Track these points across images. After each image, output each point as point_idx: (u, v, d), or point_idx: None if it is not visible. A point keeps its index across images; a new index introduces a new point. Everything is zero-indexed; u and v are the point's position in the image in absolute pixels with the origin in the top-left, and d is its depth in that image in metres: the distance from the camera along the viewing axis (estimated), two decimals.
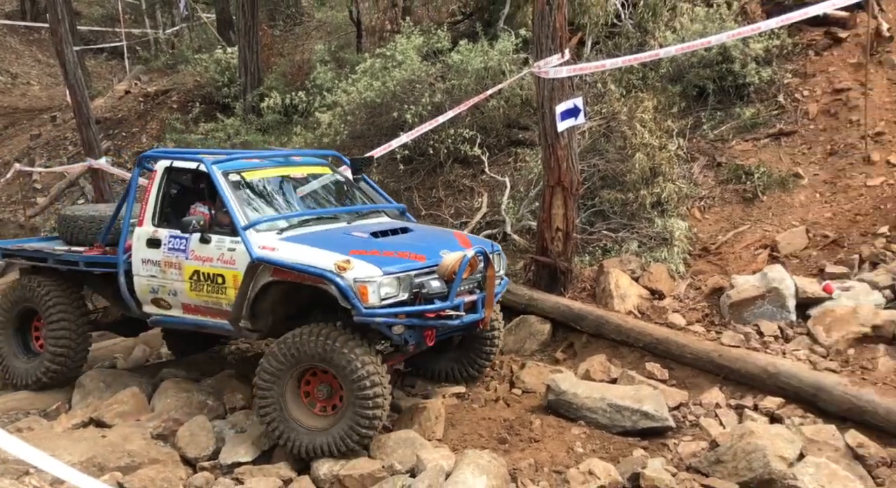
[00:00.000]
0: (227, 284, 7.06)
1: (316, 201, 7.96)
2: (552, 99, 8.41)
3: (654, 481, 6.27)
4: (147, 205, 7.56)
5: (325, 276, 6.50)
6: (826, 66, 9.60)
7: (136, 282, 7.57)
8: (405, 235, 7.38)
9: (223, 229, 7.13)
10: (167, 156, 7.80)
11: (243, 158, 7.84)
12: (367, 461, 6.67)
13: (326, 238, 7.02)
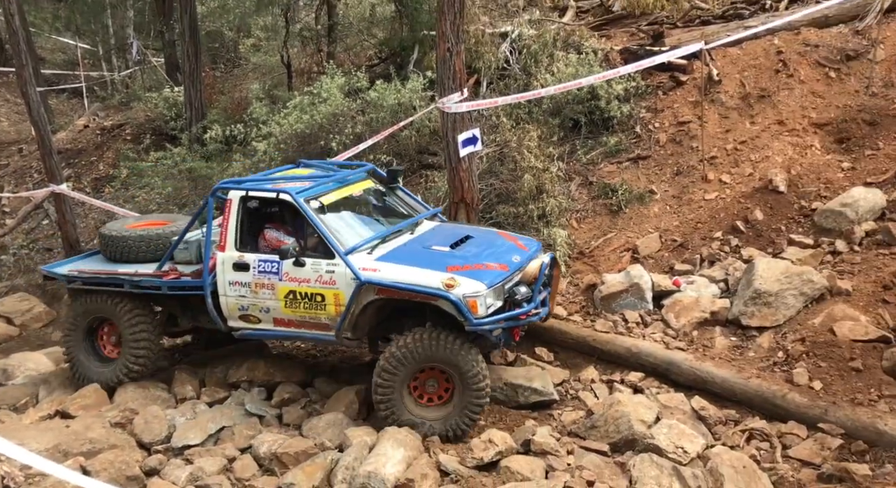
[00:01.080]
0: (328, 302, 6.77)
1: (377, 215, 7.62)
2: (454, 129, 8.50)
3: (541, 445, 6.39)
4: (227, 232, 7.07)
5: (439, 295, 6.39)
6: (672, 103, 9.84)
7: (224, 302, 7.14)
8: (474, 243, 7.15)
9: (315, 253, 6.80)
10: (240, 187, 7.19)
11: (316, 184, 7.23)
12: (300, 440, 6.61)
13: (415, 255, 6.82)
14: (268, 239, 7.09)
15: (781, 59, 9.59)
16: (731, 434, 6.51)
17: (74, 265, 8.09)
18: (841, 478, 5.85)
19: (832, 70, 9.44)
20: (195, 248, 7.63)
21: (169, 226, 8.06)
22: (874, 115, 8.88)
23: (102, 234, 8.04)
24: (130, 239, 7.85)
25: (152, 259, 7.77)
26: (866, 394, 6.51)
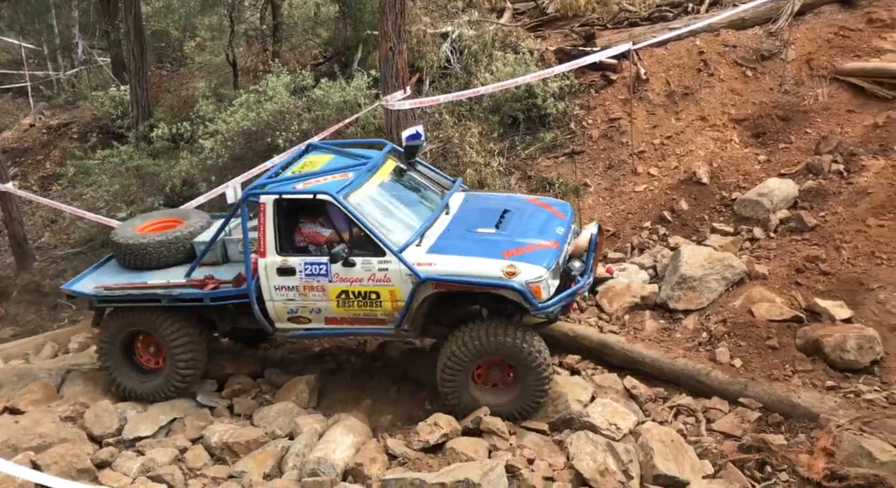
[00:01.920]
0: (383, 298, 6.45)
1: (409, 196, 7.17)
2: (398, 126, 8.50)
3: (489, 424, 6.42)
4: (266, 237, 6.54)
5: (503, 285, 6.16)
6: (603, 101, 9.97)
7: (271, 307, 6.69)
8: (515, 218, 6.84)
9: (363, 251, 6.41)
10: (274, 191, 6.60)
11: (352, 178, 6.67)
12: (251, 429, 6.54)
13: (466, 242, 6.51)
14: (305, 234, 6.69)
15: (703, 59, 9.81)
16: (660, 410, 6.66)
17: (95, 278, 7.30)
18: (759, 448, 6.06)
19: (749, 69, 9.70)
20: (220, 248, 7.20)
21: (183, 226, 7.45)
22: (787, 111, 9.16)
23: (118, 243, 7.28)
24: (151, 245, 7.19)
25: (174, 263, 7.24)
26: (781, 370, 6.74)
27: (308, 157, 7.42)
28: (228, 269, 7.11)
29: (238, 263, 7.08)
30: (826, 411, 6.20)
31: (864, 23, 9.60)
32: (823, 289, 7.29)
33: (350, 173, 6.74)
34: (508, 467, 5.87)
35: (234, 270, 7.02)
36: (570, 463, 5.96)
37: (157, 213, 8.22)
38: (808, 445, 5.98)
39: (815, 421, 6.16)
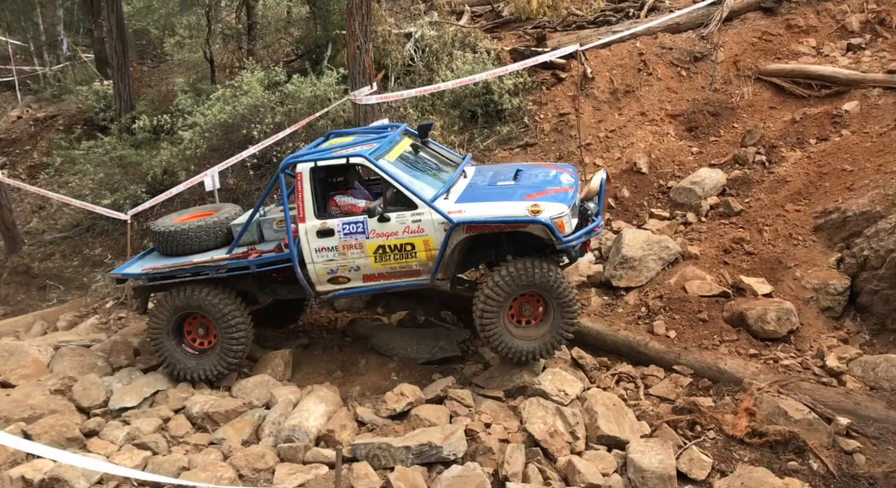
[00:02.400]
0: (418, 249, 6.36)
1: (429, 165, 7.06)
2: (366, 119, 8.39)
3: (449, 393, 6.48)
4: (305, 203, 6.42)
5: (531, 221, 6.09)
6: (554, 97, 9.96)
7: (312, 270, 6.54)
8: (529, 175, 6.84)
9: (396, 207, 6.34)
10: (309, 159, 6.50)
11: (379, 145, 6.61)
12: (230, 400, 6.47)
13: (489, 192, 6.48)
14: (339, 204, 6.61)
15: (643, 60, 9.85)
16: (603, 377, 6.76)
17: (139, 265, 7.10)
18: (690, 410, 6.18)
19: (683, 69, 9.77)
20: (255, 228, 7.02)
21: (217, 215, 7.25)
22: (716, 107, 9.27)
23: (159, 232, 7.06)
24: (191, 230, 7.00)
25: (213, 247, 7.04)
26: (711, 340, 6.88)
27: (336, 139, 7.30)
28: (267, 247, 6.95)
29: (273, 242, 6.97)
30: (749, 376, 6.35)
31: (784, 28, 9.73)
32: (748, 268, 7.43)
33: (375, 143, 6.69)
34: (468, 431, 5.92)
35: (270, 247, 6.90)
36: (524, 426, 6.03)
37: (190, 209, 7.97)
38: (732, 406, 6.12)
39: (740, 385, 6.31)
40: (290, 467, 5.59)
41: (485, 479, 5.42)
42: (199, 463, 5.63)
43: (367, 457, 5.69)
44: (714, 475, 5.63)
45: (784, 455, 5.65)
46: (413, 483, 5.40)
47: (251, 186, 10.17)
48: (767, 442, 5.74)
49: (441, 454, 5.65)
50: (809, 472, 5.49)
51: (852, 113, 8.27)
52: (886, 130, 7.86)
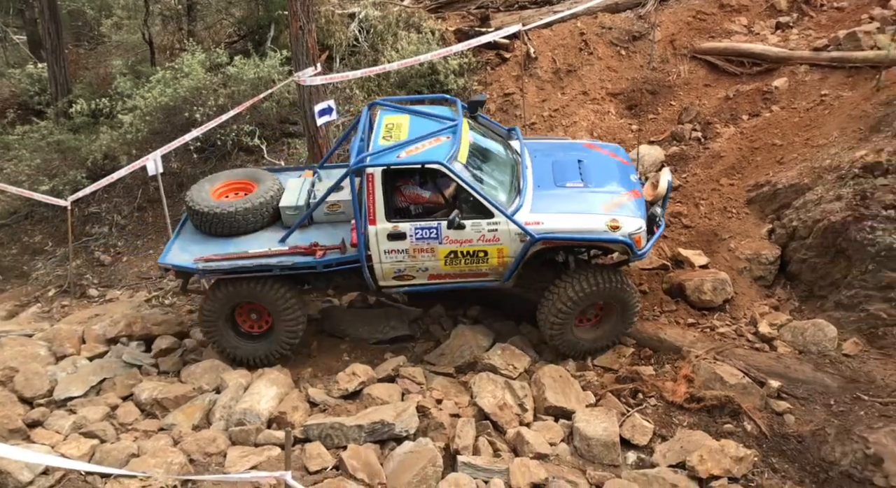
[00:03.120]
0: (490, 256, 6.30)
1: (492, 152, 6.77)
2: (311, 100, 8.23)
3: (400, 371, 6.51)
4: (376, 206, 6.17)
5: (609, 240, 6.19)
6: (499, 77, 9.95)
7: (378, 269, 6.39)
8: (592, 169, 6.74)
9: (473, 214, 6.17)
10: (383, 163, 6.12)
11: (447, 141, 6.30)
12: (180, 386, 6.36)
13: (564, 199, 6.39)
14: (406, 196, 6.39)
15: (584, 40, 9.90)
16: (550, 352, 6.79)
17: (183, 248, 6.66)
18: (633, 379, 6.35)
19: (622, 48, 9.87)
20: (304, 212, 6.74)
21: (262, 190, 6.82)
22: (654, 85, 9.40)
23: (203, 212, 6.61)
24: (238, 213, 6.60)
25: (259, 227, 6.74)
26: (651, 311, 7.06)
27: (387, 119, 6.83)
28: (316, 232, 6.71)
29: (323, 224, 6.74)
30: (687, 344, 6.55)
31: (717, 7, 9.90)
32: (685, 240, 7.62)
33: (442, 138, 6.39)
34: (419, 407, 5.97)
35: (322, 233, 6.66)
36: (474, 400, 6.11)
37: (222, 175, 7.33)
38: (672, 374, 6.32)
39: (679, 354, 6.50)
40: (242, 450, 5.55)
41: (436, 453, 5.48)
42: (149, 450, 5.53)
43: (319, 437, 5.68)
44: (655, 440, 5.82)
45: (720, 418, 5.87)
46: (366, 460, 5.43)
47: (196, 170, 9.92)
48: (705, 406, 5.96)
49: (393, 431, 5.69)
50: (744, 433, 5.72)
51: (781, 89, 8.51)
52: (812, 106, 8.12)
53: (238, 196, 6.95)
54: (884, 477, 5.24)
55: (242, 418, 5.82)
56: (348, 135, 7.29)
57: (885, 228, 6.38)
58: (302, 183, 7.00)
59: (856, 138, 7.29)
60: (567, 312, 6.42)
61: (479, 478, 5.36)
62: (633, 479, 5.43)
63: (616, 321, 6.62)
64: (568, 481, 5.36)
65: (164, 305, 8.16)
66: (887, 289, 6.39)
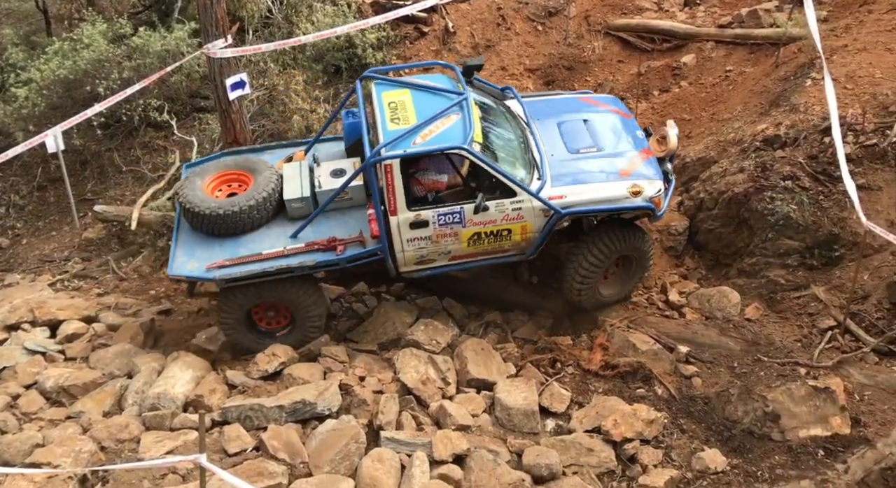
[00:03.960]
0: (514, 233, 6.22)
1: (499, 121, 6.54)
2: (222, 74, 7.89)
3: (322, 350, 6.43)
4: (396, 196, 5.93)
5: (633, 207, 6.22)
6: (418, 51, 9.86)
7: (401, 257, 6.22)
8: (599, 129, 6.68)
9: (496, 195, 6.01)
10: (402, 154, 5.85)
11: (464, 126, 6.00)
12: (89, 372, 6.07)
13: (582, 169, 6.31)
14: (424, 183, 6.20)
15: (501, 15, 9.93)
16: (473, 327, 6.92)
17: (188, 253, 6.21)
18: (551, 349, 6.53)
19: (539, 24, 9.96)
20: (311, 200, 6.42)
21: (263, 183, 6.38)
22: (571, 61, 9.56)
23: (205, 214, 6.16)
24: (243, 212, 6.21)
25: (264, 222, 6.38)
26: None
27: (386, 96, 6.44)
28: (326, 221, 6.38)
29: (331, 213, 6.40)
30: (602, 314, 6.77)
31: None
32: None
33: (453, 116, 6.10)
34: (342, 385, 5.93)
35: (333, 222, 6.36)
36: (397, 376, 6.12)
37: (210, 167, 6.75)
38: (588, 343, 6.54)
39: (595, 324, 6.72)
40: (157, 435, 5.37)
41: (359, 430, 5.48)
42: (56, 439, 5.27)
43: (238, 419, 5.57)
44: (573, 407, 6.01)
45: (633, 383, 6.12)
46: (287, 440, 5.37)
47: (100, 147, 9.44)
48: (619, 373, 6.19)
49: (315, 410, 5.64)
50: (654, 397, 5.99)
51: (689, 65, 8.82)
52: (718, 81, 8.47)
53: (232, 188, 6.55)
54: (780, 433, 5.62)
55: (157, 403, 5.63)
56: (339, 110, 6.97)
57: (782, 198, 6.76)
58: (300, 169, 6.62)
59: (757, 112, 7.66)
60: (594, 272, 6.50)
61: (402, 452, 5.40)
62: (551, 445, 5.60)
63: (635, 270, 6.74)
64: (489, 450, 5.47)
65: (69, 289, 7.77)
66: (784, 255, 6.79)
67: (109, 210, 8.47)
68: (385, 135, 5.99)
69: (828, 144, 6.81)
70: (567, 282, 6.60)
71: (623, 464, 5.55)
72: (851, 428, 5.57)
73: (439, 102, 6.25)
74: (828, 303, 6.49)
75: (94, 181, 9.38)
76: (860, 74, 7.30)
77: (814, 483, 5.25)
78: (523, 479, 5.32)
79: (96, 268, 8.26)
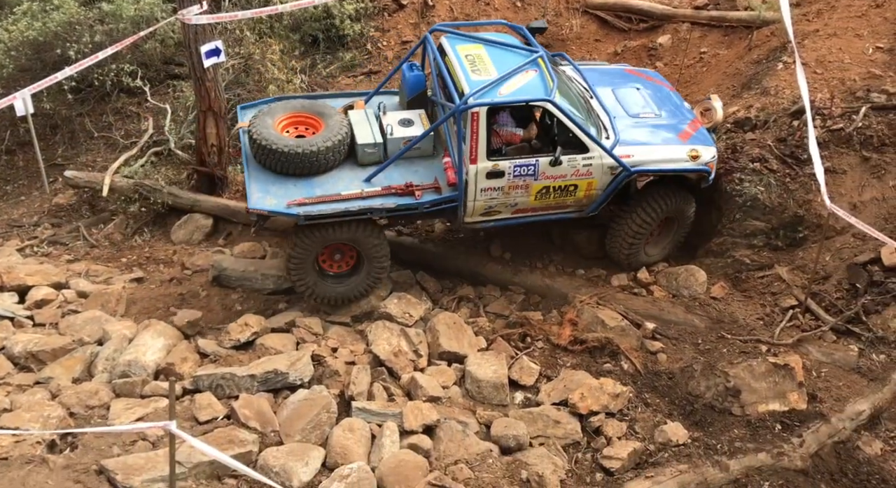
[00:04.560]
0: (580, 189, 6.39)
1: (565, 82, 6.61)
2: (197, 41, 7.70)
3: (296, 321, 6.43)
4: (479, 145, 6.01)
5: (694, 170, 6.44)
6: (396, 24, 9.76)
7: (470, 206, 6.33)
8: (650, 96, 6.91)
9: (570, 149, 6.16)
10: (489, 103, 5.95)
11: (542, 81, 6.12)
12: (58, 338, 5.98)
13: (646, 132, 6.53)
14: (502, 135, 6.29)
15: None
16: (446, 301, 6.93)
17: (263, 190, 6.16)
18: (522, 324, 6.58)
19: (518, 0, 9.88)
20: (381, 150, 6.43)
21: (336, 126, 6.34)
22: (548, 39, 9.48)
23: (280, 151, 6.12)
24: (320, 153, 6.18)
25: (335, 165, 6.38)
26: (540, 261, 7.27)
27: (462, 49, 6.48)
28: (395, 170, 6.42)
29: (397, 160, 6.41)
30: (573, 291, 6.84)
31: None
32: None
33: (531, 72, 6.22)
34: (314, 356, 5.94)
35: (402, 169, 6.41)
36: (370, 348, 6.14)
37: (277, 108, 6.63)
38: (558, 318, 6.60)
39: (565, 300, 6.78)
40: (127, 402, 5.34)
41: (330, 400, 5.50)
42: (24, 404, 5.20)
43: (210, 388, 5.55)
44: (541, 380, 6.09)
45: (601, 358, 6.22)
46: (258, 409, 5.37)
47: (71, 111, 9.22)
48: (587, 348, 6.28)
49: (287, 380, 5.64)
50: (621, 372, 6.10)
51: (665, 46, 8.84)
52: (693, 63, 8.52)
53: (299, 131, 6.52)
54: (740, 407, 5.77)
55: (127, 370, 5.59)
56: (404, 61, 6.95)
57: (751, 180, 6.86)
58: (367, 116, 6.66)
59: (730, 94, 7.73)
60: (641, 234, 6.70)
61: (373, 422, 5.45)
62: (519, 417, 5.69)
63: (676, 232, 6.96)
64: (459, 421, 5.54)
65: (38, 255, 7.62)
66: (751, 236, 6.91)
67: (80, 176, 8.29)
68: (470, 84, 6.09)
69: (796, 128, 6.90)
70: (615, 242, 6.85)
71: (588, 436, 5.66)
72: (808, 404, 5.73)
73: (514, 58, 6.38)
74: (790, 283, 6.64)
75: (65, 146, 9.17)
76: (830, 60, 7.40)
77: (770, 455, 5.41)
78: (491, 450, 5.41)
79: (66, 235, 8.10)
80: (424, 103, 6.86)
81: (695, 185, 6.77)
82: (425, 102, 6.87)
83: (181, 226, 8.02)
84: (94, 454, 4.82)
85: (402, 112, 6.75)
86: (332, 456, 5.16)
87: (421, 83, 6.81)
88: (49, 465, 4.63)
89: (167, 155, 8.74)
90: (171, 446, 3.60)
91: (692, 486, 5.23)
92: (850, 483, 5.33)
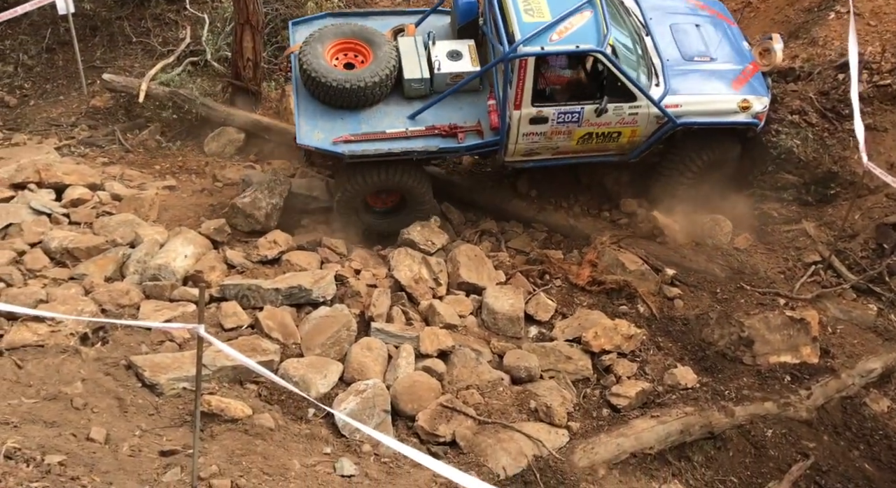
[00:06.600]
0: (623, 136, 6.22)
1: (619, 23, 6.27)
2: None
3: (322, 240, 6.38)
4: (524, 91, 5.86)
5: (744, 123, 6.18)
6: None
7: (512, 149, 6.24)
8: (713, 39, 6.55)
9: (617, 98, 5.95)
10: (539, 53, 5.77)
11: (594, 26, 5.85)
12: (92, 237, 5.98)
13: (695, 79, 6.23)
14: (547, 77, 6.09)
15: None
16: (468, 233, 6.85)
17: (311, 125, 6.13)
18: (542, 261, 6.50)
19: None
20: (427, 85, 6.28)
21: (383, 58, 6.19)
22: None
23: (329, 85, 6.04)
24: (368, 88, 6.09)
25: (381, 99, 6.28)
26: (565, 200, 7.11)
27: None
28: (440, 106, 6.26)
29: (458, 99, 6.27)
30: (595, 232, 6.71)
31: None
32: None
33: (585, 12, 5.90)
34: (337, 276, 5.93)
35: (445, 107, 6.24)
36: (391, 272, 6.11)
37: (327, 33, 6.39)
38: (578, 258, 6.52)
39: (587, 241, 6.67)
40: (157, 304, 5.39)
41: (351, 319, 5.52)
42: (59, 297, 5.26)
43: (236, 297, 5.58)
44: (556, 317, 6.06)
45: (617, 300, 6.15)
46: (282, 321, 5.41)
47: (111, 14, 8.99)
48: (605, 289, 6.21)
49: (310, 296, 5.64)
50: (636, 315, 6.04)
51: None
52: (739, 8, 8.05)
53: (348, 58, 6.36)
54: (752, 357, 5.72)
55: (157, 274, 5.61)
56: None
57: (787, 132, 6.57)
58: (415, 46, 6.40)
59: None
60: (694, 171, 6.48)
61: (390, 343, 5.47)
62: (532, 350, 5.68)
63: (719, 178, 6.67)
64: (473, 349, 5.55)
65: (75, 155, 7.59)
66: (781, 190, 6.69)
67: (118, 80, 8.16)
68: (521, 28, 5.84)
69: (841, 81, 6.55)
70: (661, 187, 6.62)
71: (598, 374, 5.66)
72: (820, 358, 5.68)
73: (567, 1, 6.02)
74: (816, 239, 6.47)
75: (104, 49, 8.97)
76: (886, 11, 6.94)
77: (776, 405, 5.40)
78: (502, 378, 5.43)
79: (102, 137, 8.03)
80: (475, 32, 6.57)
81: (742, 134, 6.49)
82: (476, 31, 6.57)
83: (214, 138, 7.90)
84: (124, 349, 4.91)
85: (451, 42, 6.46)
86: (350, 372, 5.21)
87: (473, 11, 6.50)
88: (82, 356, 4.72)
89: (203, 66, 8.55)
90: (198, 348, 3.62)
91: (696, 428, 5.24)
92: (852, 436, 5.33)
